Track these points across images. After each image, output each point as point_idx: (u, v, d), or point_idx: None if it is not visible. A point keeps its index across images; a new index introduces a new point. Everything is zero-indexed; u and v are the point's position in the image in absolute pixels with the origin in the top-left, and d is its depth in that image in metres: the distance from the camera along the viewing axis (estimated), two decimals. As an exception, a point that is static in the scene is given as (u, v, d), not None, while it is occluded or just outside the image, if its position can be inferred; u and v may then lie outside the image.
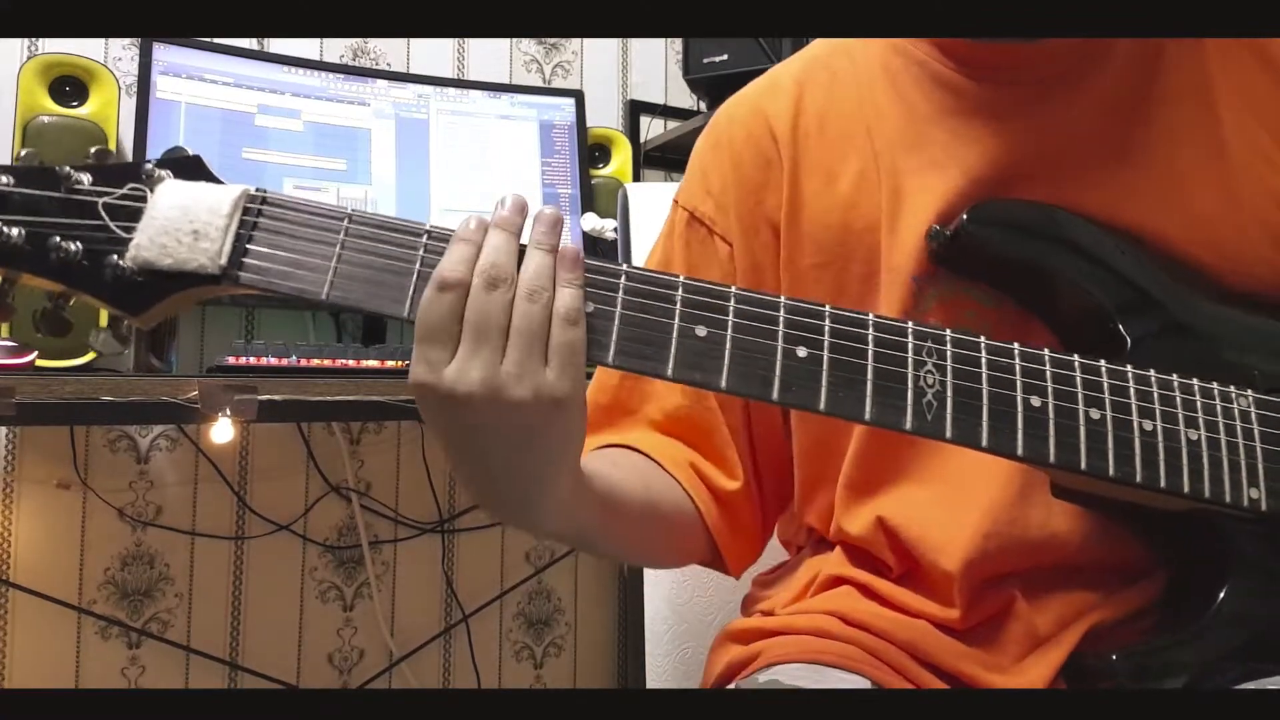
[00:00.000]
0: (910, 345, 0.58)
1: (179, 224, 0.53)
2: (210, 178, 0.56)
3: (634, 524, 0.72)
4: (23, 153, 0.54)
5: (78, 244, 0.53)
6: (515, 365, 0.53)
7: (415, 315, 0.53)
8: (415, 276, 0.54)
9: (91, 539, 1.62)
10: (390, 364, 1.37)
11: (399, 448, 1.86)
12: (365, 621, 1.83)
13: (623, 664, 2.05)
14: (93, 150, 0.56)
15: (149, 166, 0.55)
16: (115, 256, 0.53)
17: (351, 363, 1.35)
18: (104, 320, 1.28)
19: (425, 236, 0.55)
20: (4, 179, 0.52)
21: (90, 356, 1.34)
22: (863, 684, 0.68)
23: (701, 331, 0.55)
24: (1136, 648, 0.63)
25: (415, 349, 0.53)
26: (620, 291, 0.56)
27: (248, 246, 0.54)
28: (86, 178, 0.54)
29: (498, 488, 0.58)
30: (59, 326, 0.55)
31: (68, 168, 0.54)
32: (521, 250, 0.55)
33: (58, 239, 0.52)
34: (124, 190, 0.54)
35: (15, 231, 0.52)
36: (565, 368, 0.54)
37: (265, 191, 0.55)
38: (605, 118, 2.08)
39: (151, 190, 0.54)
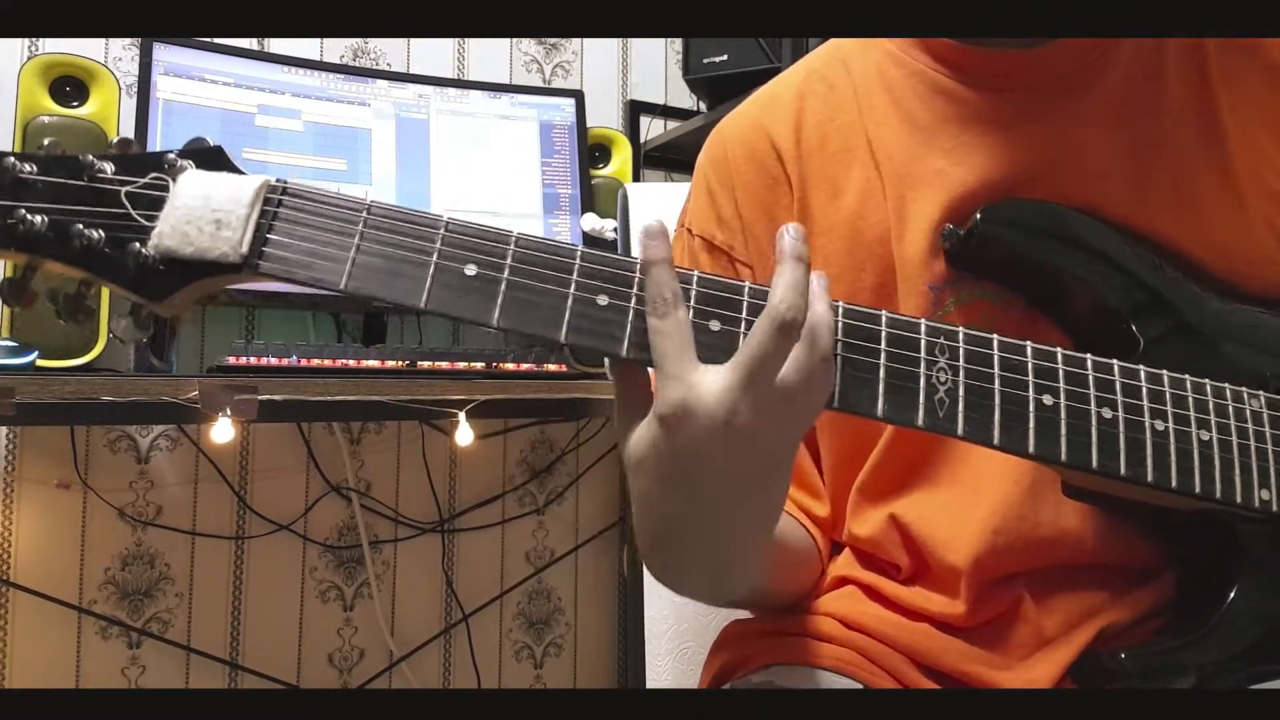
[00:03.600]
0: (923, 343, 0.58)
1: (201, 213, 0.53)
2: (232, 168, 0.56)
3: (788, 570, 0.74)
4: (46, 142, 0.55)
5: (100, 232, 0.53)
6: (784, 404, 0.54)
7: (433, 305, 0.54)
8: (433, 268, 0.54)
9: (92, 539, 1.62)
10: (390, 364, 1.37)
11: (399, 448, 1.86)
12: (365, 621, 1.83)
13: (623, 664, 2.05)
14: (114, 140, 0.56)
15: (171, 156, 0.55)
16: (138, 244, 0.53)
17: (351, 363, 1.35)
18: (104, 312, 1.29)
19: (443, 228, 0.55)
20: (28, 167, 0.53)
21: (91, 356, 1.34)
22: (855, 688, 0.68)
23: (715, 326, 0.55)
24: (1146, 648, 0.63)
25: (737, 375, 0.53)
26: (635, 286, 0.55)
27: (268, 236, 0.54)
28: (109, 166, 0.54)
29: (708, 537, 0.59)
30: (81, 313, 0.55)
31: (90, 156, 0.54)
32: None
33: (80, 226, 0.53)
34: (146, 179, 0.54)
35: (39, 219, 0.52)
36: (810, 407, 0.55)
37: (285, 182, 0.56)
38: (605, 118, 2.08)
39: (174, 179, 0.54)
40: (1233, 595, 0.63)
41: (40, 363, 1.23)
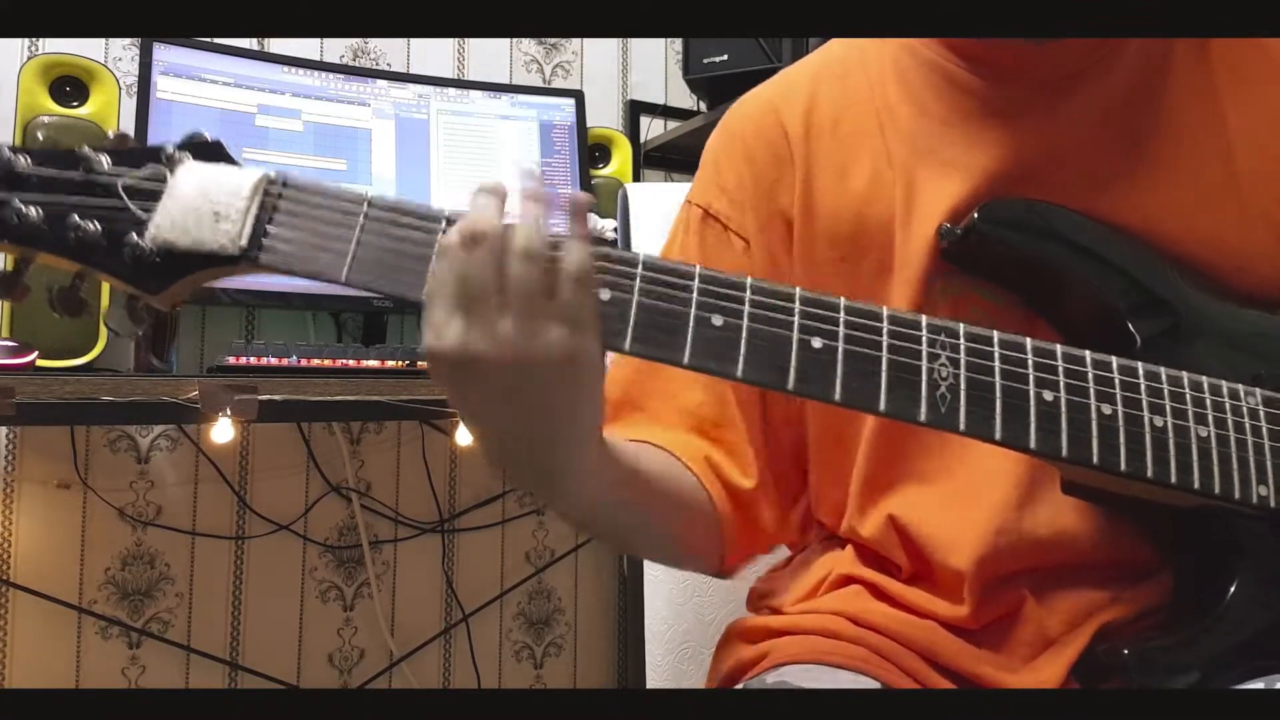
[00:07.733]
0: (924, 338, 0.58)
1: (199, 205, 0.53)
2: (230, 161, 0.56)
3: (655, 508, 0.71)
4: (41, 137, 0.54)
5: (96, 224, 0.53)
6: (519, 325, 0.52)
7: None
8: (434, 260, 0.54)
9: (92, 539, 1.62)
10: (390, 364, 1.37)
11: (399, 448, 1.86)
12: (365, 621, 1.83)
13: (623, 664, 2.05)
14: (111, 134, 0.56)
15: (169, 149, 0.55)
16: (134, 236, 0.53)
17: (351, 363, 1.35)
18: (104, 312, 1.29)
19: (444, 221, 0.55)
20: (22, 159, 0.52)
21: (91, 356, 1.34)
22: (871, 685, 0.68)
23: (718, 321, 0.55)
24: (1147, 645, 0.63)
25: (424, 316, 0.53)
26: (637, 280, 0.55)
27: (267, 228, 0.54)
28: (105, 159, 0.54)
29: (522, 455, 0.59)
30: (75, 306, 0.55)
31: (86, 148, 0.53)
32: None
33: (76, 218, 0.52)
34: (143, 172, 0.54)
35: (33, 211, 0.52)
36: (574, 325, 0.53)
37: (285, 175, 0.56)
38: (605, 118, 2.08)
39: (171, 172, 0.54)
40: (1232, 591, 0.63)
41: (40, 363, 1.23)
